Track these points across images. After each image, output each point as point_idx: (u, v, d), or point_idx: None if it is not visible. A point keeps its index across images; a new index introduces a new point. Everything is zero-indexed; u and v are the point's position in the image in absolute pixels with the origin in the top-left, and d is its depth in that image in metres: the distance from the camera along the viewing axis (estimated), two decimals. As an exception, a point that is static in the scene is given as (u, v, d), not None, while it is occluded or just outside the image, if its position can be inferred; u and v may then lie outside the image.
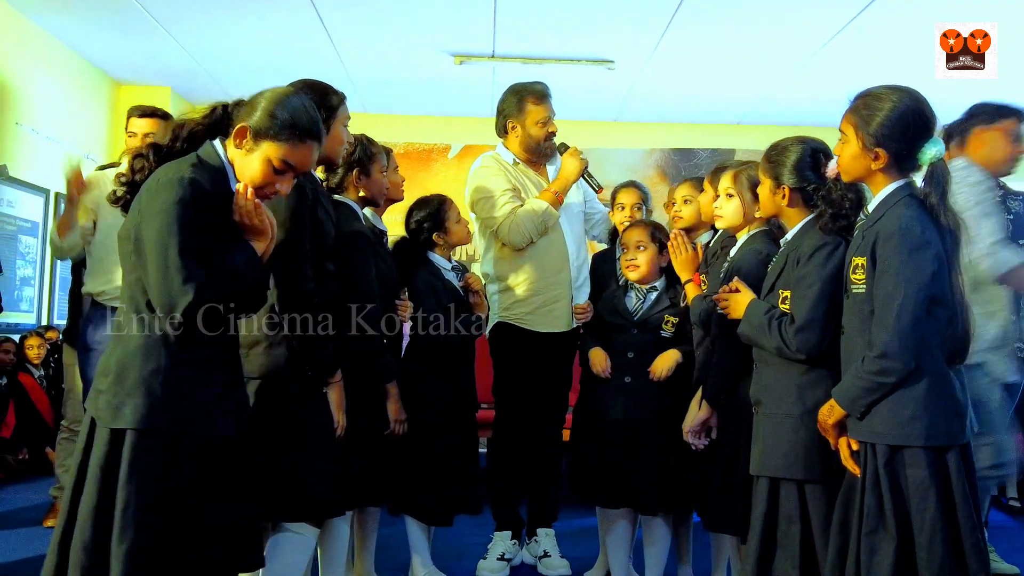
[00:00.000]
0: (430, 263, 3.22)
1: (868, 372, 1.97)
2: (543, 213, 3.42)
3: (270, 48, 6.02)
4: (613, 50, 6.07)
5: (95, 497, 1.83)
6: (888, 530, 1.93)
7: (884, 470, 1.95)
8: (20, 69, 5.67)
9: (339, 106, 2.50)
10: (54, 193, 6.16)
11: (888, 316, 1.95)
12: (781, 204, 2.35)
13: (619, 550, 3.13)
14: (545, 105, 3.51)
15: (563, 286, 3.50)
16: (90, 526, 1.82)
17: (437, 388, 3.12)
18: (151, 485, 1.84)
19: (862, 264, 2.03)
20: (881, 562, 1.92)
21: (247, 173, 2.00)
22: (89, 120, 6.69)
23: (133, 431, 1.84)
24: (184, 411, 1.89)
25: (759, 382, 2.33)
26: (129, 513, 1.81)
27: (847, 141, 2.10)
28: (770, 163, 2.37)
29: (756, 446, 2.28)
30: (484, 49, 6.10)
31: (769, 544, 2.19)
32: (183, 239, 1.84)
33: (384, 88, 6.98)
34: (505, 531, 3.50)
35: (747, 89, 6.82)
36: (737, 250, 2.66)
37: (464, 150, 7.63)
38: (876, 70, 5.97)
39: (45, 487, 4.79)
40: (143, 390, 1.85)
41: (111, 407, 1.86)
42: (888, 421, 1.97)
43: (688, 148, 7.73)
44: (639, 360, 2.97)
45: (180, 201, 1.85)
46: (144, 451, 1.84)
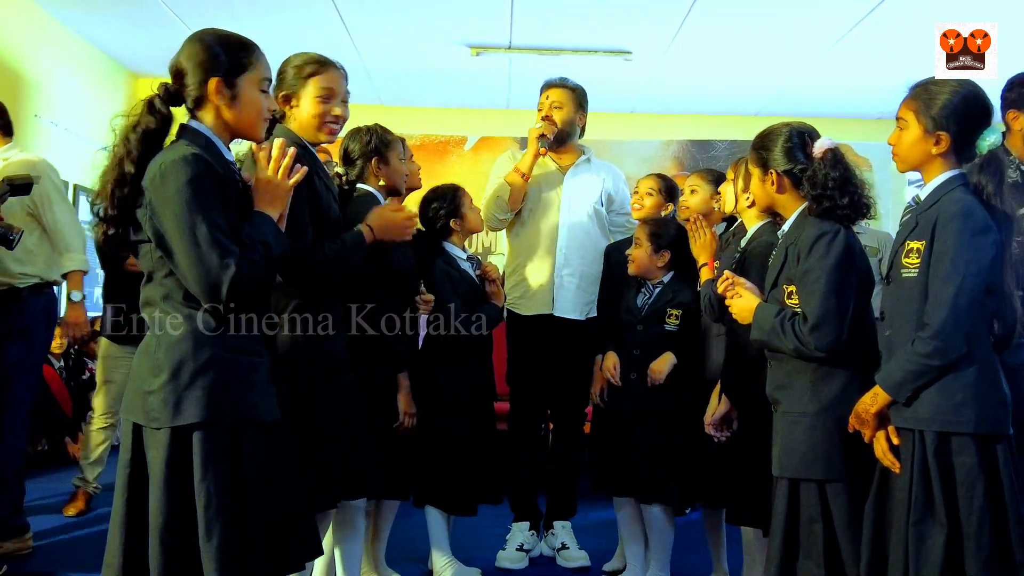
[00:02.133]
0: (446, 253, 3.21)
1: (919, 354, 1.94)
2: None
3: (286, 39, 5.95)
4: (631, 41, 6.03)
5: (165, 499, 1.78)
6: (937, 519, 1.91)
7: (933, 458, 1.92)
8: (39, 62, 5.69)
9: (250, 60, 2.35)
10: (73, 185, 6.18)
11: (944, 297, 1.91)
12: (771, 192, 2.30)
13: (634, 542, 3.14)
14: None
15: (546, 271, 3.51)
16: (167, 530, 1.77)
17: (457, 378, 3.12)
18: (228, 477, 1.80)
19: (918, 248, 1.99)
20: (931, 551, 1.90)
21: (249, 114, 1.95)
22: (107, 112, 6.64)
23: (200, 427, 1.79)
24: (244, 398, 1.86)
25: (773, 381, 2.29)
26: (212, 509, 1.77)
27: (906, 127, 2.07)
28: (757, 151, 2.33)
29: (775, 446, 2.25)
30: (501, 40, 6.08)
31: (792, 544, 2.16)
32: (208, 216, 1.79)
33: (400, 80, 6.96)
34: (523, 522, 3.51)
35: (766, 80, 6.76)
36: (746, 241, 2.63)
37: (480, 142, 7.61)
38: (896, 62, 5.92)
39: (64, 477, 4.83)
40: (201, 383, 1.80)
41: (168, 406, 1.80)
42: (937, 407, 1.94)
43: (706, 140, 7.68)
44: (644, 356, 3.01)
45: (192, 180, 1.79)
46: (214, 444, 1.80)
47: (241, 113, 1.96)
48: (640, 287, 3.12)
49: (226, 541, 1.77)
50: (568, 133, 3.57)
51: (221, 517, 1.78)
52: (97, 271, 4.77)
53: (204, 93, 1.92)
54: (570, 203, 3.56)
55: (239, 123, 1.97)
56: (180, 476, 1.79)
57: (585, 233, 3.55)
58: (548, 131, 3.45)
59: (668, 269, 3.07)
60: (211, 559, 1.76)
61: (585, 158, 3.64)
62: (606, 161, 3.82)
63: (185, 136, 1.92)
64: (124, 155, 1.89)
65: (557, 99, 3.55)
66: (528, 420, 3.55)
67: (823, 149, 2.20)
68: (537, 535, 3.54)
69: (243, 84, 1.95)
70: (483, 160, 7.31)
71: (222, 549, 1.77)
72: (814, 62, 6.29)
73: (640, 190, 3.35)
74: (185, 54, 1.94)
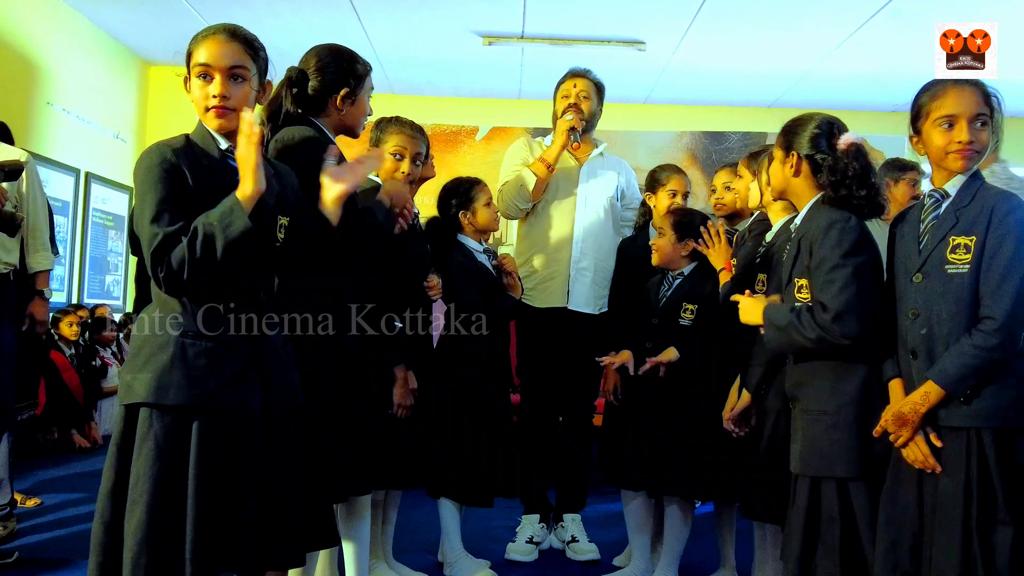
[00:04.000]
0: (462, 246, 3.20)
1: (981, 347, 1.91)
2: (520, 178, 3.46)
3: (298, 28, 6.00)
4: (644, 31, 5.99)
5: (109, 474, 1.83)
6: (1003, 518, 1.89)
7: (994, 455, 1.90)
8: (51, 49, 5.70)
9: (365, 76, 2.47)
10: (84, 172, 6.20)
11: (1008, 288, 1.90)
12: (788, 174, 2.27)
13: (640, 534, 3.14)
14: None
15: (561, 264, 3.48)
16: (105, 505, 1.82)
17: (475, 370, 3.10)
18: (163, 461, 1.79)
19: (966, 244, 1.97)
20: (1000, 552, 1.88)
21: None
22: (119, 100, 6.72)
23: (145, 406, 1.81)
24: (198, 385, 1.83)
25: (792, 378, 2.27)
26: (137, 490, 1.78)
27: (988, 126, 2.03)
28: (784, 134, 2.31)
29: (795, 444, 2.22)
30: (513, 29, 6.05)
31: (811, 543, 2.14)
32: (158, 194, 1.80)
33: (412, 69, 6.94)
34: (533, 514, 3.50)
35: (780, 71, 6.71)
36: (772, 235, 2.60)
37: (492, 132, 7.57)
38: (911, 55, 5.86)
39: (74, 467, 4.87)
40: (152, 365, 1.82)
41: (123, 384, 1.85)
42: (995, 402, 1.92)
43: (719, 131, 7.63)
44: (656, 349, 2.99)
45: (151, 168, 1.82)
46: (153, 425, 1.81)
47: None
48: (662, 280, 3.10)
49: (143, 523, 1.76)
50: (590, 126, 3.58)
51: (143, 499, 1.77)
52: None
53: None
54: (587, 197, 3.53)
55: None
56: (125, 454, 1.83)
57: (601, 227, 3.52)
58: (579, 124, 3.43)
59: (691, 259, 3.04)
60: (129, 538, 1.77)
61: (599, 152, 3.62)
62: (616, 155, 3.80)
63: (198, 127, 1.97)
64: None
65: (584, 89, 3.54)
66: (539, 413, 3.54)
67: (848, 142, 2.18)
68: (547, 528, 3.53)
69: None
70: (494, 150, 7.29)
71: (138, 530, 1.77)
72: (829, 54, 6.23)
73: (716, 185, 3.21)
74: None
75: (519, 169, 3.48)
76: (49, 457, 5.02)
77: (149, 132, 7.04)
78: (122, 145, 6.76)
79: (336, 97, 2.39)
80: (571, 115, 3.44)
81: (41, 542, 3.41)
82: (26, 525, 3.62)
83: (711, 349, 2.88)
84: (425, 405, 2.92)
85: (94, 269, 6.45)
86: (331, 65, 2.40)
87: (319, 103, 2.39)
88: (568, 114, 3.45)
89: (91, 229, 6.36)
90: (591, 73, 3.60)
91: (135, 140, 6.97)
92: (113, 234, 6.70)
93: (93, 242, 6.41)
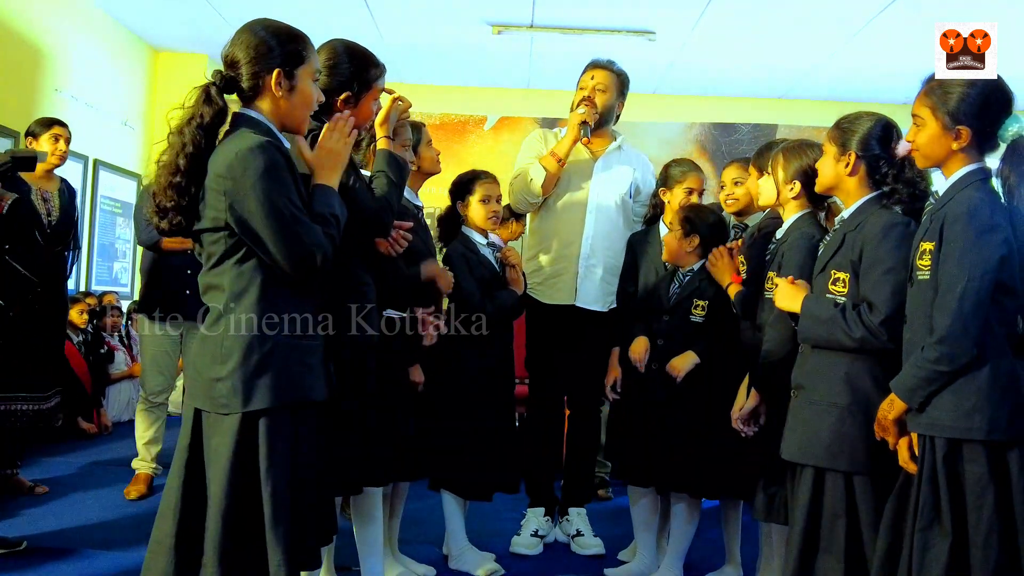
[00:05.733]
0: (466, 238, 3.19)
1: (927, 360, 1.89)
2: (529, 171, 3.41)
3: (307, 16, 5.96)
4: (654, 20, 5.94)
5: (230, 483, 1.83)
6: (943, 527, 1.87)
7: (942, 464, 1.88)
8: (59, 35, 5.69)
9: (376, 80, 2.41)
10: (92, 159, 6.19)
11: (950, 301, 1.86)
12: (843, 173, 2.26)
13: (645, 530, 3.14)
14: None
15: (571, 260, 3.45)
16: (229, 514, 1.82)
17: (478, 363, 3.10)
18: (293, 464, 1.86)
19: (929, 249, 1.94)
20: (935, 560, 1.86)
21: (303, 106, 2.00)
22: (127, 86, 6.70)
23: (268, 412, 1.85)
24: (303, 382, 1.91)
25: (802, 366, 2.26)
26: (279, 496, 1.83)
27: (924, 124, 2.01)
28: (839, 130, 2.29)
29: (795, 432, 2.22)
30: (523, 18, 6.00)
31: (813, 538, 2.14)
32: (290, 199, 1.85)
33: (421, 58, 6.90)
34: (538, 507, 3.50)
35: (791, 62, 6.66)
36: (785, 231, 2.58)
37: (500, 122, 7.53)
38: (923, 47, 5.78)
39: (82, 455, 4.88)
40: (270, 370, 1.86)
41: (238, 392, 1.84)
42: (948, 413, 1.89)
43: (729, 123, 7.58)
44: (667, 347, 2.97)
45: (270, 167, 1.84)
46: (280, 430, 1.86)
47: (295, 105, 2.00)
48: (672, 276, 3.08)
49: (292, 527, 1.84)
50: (606, 119, 3.50)
51: (287, 504, 1.84)
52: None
53: (262, 83, 1.96)
54: (599, 193, 3.49)
55: (292, 113, 2.01)
56: (245, 462, 1.84)
57: (612, 224, 3.48)
58: (591, 118, 3.37)
59: (700, 256, 3.02)
60: (278, 544, 1.82)
61: (616, 145, 3.56)
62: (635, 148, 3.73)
63: (244, 124, 1.95)
64: (180, 148, 1.91)
65: (602, 81, 3.47)
66: (546, 407, 3.53)
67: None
68: (552, 521, 3.53)
69: (300, 76, 1.99)
70: (503, 140, 7.26)
71: (289, 535, 1.83)
72: (840, 45, 6.18)
73: (725, 181, 3.14)
74: (241, 44, 1.96)
75: (531, 162, 3.45)
76: (55, 444, 5.03)
77: (157, 119, 7.02)
78: (130, 132, 6.76)
79: (337, 100, 2.34)
80: (584, 108, 3.39)
81: (49, 532, 3.41)
82: (34, 512, 3.64)
83: (721, 347, 2.86)
84: (428, 399, 2.92)
85: (102, 256, 6.46)
86: (341, 65, 2.35)
87: (326, 106, 2.27)
88: (581, 107, 3.40)
89: (99, 216, 6.36)
90: (614, 65, 3.52)
91: (143, 127, 6.96)
92: (121, 221, 6.70)
93: (101, 229, 6.42)
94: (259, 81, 1.95)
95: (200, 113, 1.92)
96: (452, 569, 3.12)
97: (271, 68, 1.94)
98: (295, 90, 1.98)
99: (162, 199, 1.91)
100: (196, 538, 1.85)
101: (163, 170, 1.92)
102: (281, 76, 1.95)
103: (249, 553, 1.84)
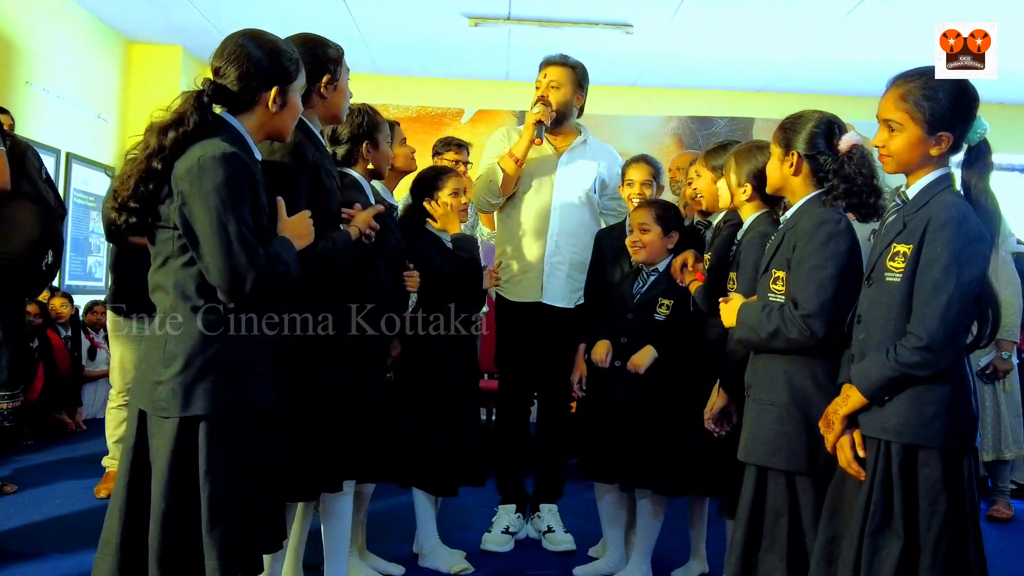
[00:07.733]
0: (428, 233, 3.18)
1: (903, 363, 1.86)
2: (488, 172, 3.43)
3: (283, 7, 5.92)
4: (632, 13, 5.93)
5: (168, 487, 1.82)
6: (894, 530, 1.87)
7: (898, 469, 1.87)
8: (31, 27, 5.61)
9: (341, 58, 2.43)
10: (65, 153, 6.12)
11: (935, 307, 1.84)
12: (788, 174, 2.25)
13: (612, 527, 3.15)
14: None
15: (536, 258, 3.45)
16: (168, 518, 1.82)
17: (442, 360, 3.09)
18: (232, 468, 1.86)
19: (904, 252, 1.91)
20: (884, 562, 1.86)
21: (289, 122, 2.05)
22: (101, 79, 6.62)
23: (207, 418, 1.84)
24: (247, 389, 1.90)
25: (752, 366, 2.29)
26: (216, 501, 1.82)
27: (901, 129, 1.95)
28: (782, 131, 2.28)
29: (744, 431, 2.24)
30: (500, 11, 5.98)
31: (755, 536, 2.15)
32: (240, 215, 1.83)
33: (397, 50, 6.85)
34: (509, 504, 3.50)
35: (769, 55, 6.66)
36: (742, 232, 2.58)
37: (478, 115, 7.49)
38: (903, 40, 5.81)
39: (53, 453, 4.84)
40: (210, 375, 1.84)
41: (177, 396, 1.83)
42: (907, 418, 1.88)
43: (706, 116, 7.58)
44: (631, 345, 2.97)
45: (229, 179, 1.83)
46: (219, 435, 1.85)
47: (284, 117, 2.04)
48: (636, 274, 3.07)
49: (228, 532, 1.83)
50: (565, 115, 3.46)
51: (224, 508, 1.83)
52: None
53: (256, 98, 1.98)
54: (563, 189, 3.47)
55: (280, 125, 2.05)
56: (185, 465, 1.84)
57: (577, 220, 3.47)
58: (545, 117, 3.34)
59: (674, 252, 3.01)
60: (213, 549, 1.81)
61: (582, 139, 3.54)
62: (603, 141, 3.72)
63: (221, 131, 1.93)
64: (156, 151, 1.89)
65: (555, 78, 3.43)
66: (515, 403, 3.52)
67: (850, 143, 2.15)
68: (523, 518, 3.53)
69: (291, 91, 2.04)
70: (480, 133, 7.21)
71: (224, 540, 1.82)
72: (819, 38, 6.18)
73: (635, 179, 3.22)
74: (235, 59, 1.97)
75: (493, 161, 3.43)
76: (28, 443, 4.98)
77: (131, 112, 6.94)
78: (104, 125, 6.68)
79: (319, 86, 2.35)
80: (539, 108, 3.36)
81: (15, 531, 3.38)
82: (1, 511, 3.60)
83: (685, 344, 2.87)
84: (394, 397, 2.91)
85: (75, 251, 6.39)
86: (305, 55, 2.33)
87: (304, 97, 2.25)
88: (536, 107, 3.38)
89: (72, 210, 6.28)
90: (567, 58, 3.48)
91: (117, 119, 6.88)
92: (94, 215, 6.62)
93: (74, 223, 6.34)
94: (253, 96, 1.98)
95: (187, 120, 1.90)
96: (422, 567, 3.12)
97: (268, 86, 1.98)
98: (287, 104, 2.03)
99: (126, 196, 1.89)
100: (142, 538, 1.85)
101: (134, 167, 1.90)
102: (277, 94, 1.99)
103: (189, 556, 1.83)
